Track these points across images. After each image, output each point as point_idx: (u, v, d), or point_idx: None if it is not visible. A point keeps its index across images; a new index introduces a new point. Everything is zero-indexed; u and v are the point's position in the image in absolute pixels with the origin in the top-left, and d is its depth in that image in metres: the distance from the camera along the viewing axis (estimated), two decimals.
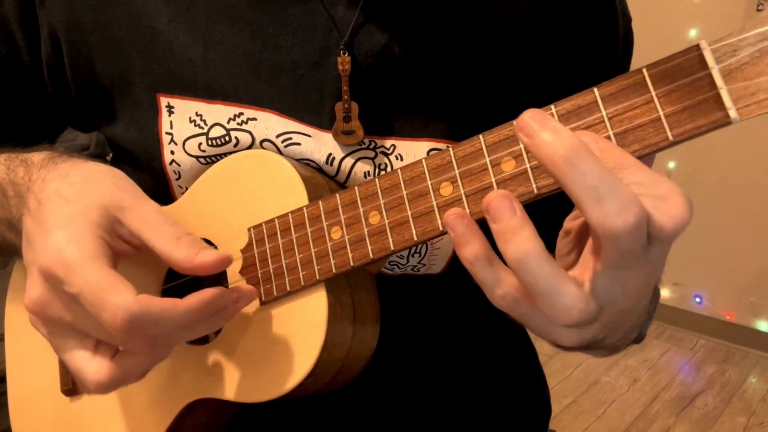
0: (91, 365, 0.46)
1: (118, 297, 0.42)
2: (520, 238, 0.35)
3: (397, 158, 0.58)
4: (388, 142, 0.58)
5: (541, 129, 0.34)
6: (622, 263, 0.36)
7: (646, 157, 0.37)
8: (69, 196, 0.49)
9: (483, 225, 0.39)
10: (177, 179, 0.63)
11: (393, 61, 0.57)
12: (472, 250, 0.37)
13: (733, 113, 0.34)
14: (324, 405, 0.66)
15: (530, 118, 0.34)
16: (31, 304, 0.47)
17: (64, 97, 0.66)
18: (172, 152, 0.61)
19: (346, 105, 0.56)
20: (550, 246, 0.48)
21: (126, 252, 0.50)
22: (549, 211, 0.46)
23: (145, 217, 0.49)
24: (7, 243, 0.58)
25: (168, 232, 0.48)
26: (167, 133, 0.61)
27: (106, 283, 0.43)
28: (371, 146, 0.58)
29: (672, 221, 0.34)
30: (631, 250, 0.34)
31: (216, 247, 0.57)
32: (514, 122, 0.41)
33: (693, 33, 2.51)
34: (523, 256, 0.34)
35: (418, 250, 0.62)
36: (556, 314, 0.35)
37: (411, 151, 0.58)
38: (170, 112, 0.61)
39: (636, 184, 0.34)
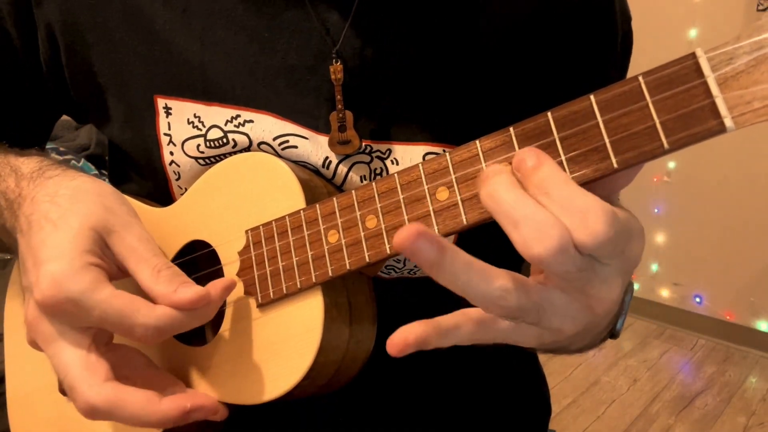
0: (85, 386, 0.47)
1: (142, 318, 0.46)
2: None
3: (392, 162, 0.58)
4: (383, 147, 0.58)
5: (483, 177, 0.37)
6: (569, 286, 0.36)
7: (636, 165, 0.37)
8: (56, 219, 0.50)
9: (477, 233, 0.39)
10: (177, 180, 0.63)
11: (387, 67, 0.57)
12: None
13: (728, 122, 0.34)
14: (321, 406, 0.66)
15: (483, 174, 0.37)
16: (27, 327, 0.50)
17: (64, 97, 0.66)
18: (172, 153, 0.61)
19: (340, 114, 0.56)
20: None
21: (115, 276, 0.51)
22: None
23: (129, 245, 0.50)
24: (4, 243, 0.59)
25: (150, 264, 0.49)
26: (165, 134, 0.61)
27: (125, 307, 0.46)
28: (367, 150, 0.58)
29: (590, 237, 0.34)
30: (566, 272, 0.35)
31: (214, 249, 0.58)
32: (511, 128, 0.41)
33: (693, 33, 2.51)
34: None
35: None
36: (488, 305, 0.36)
37: (407, 155, 0.58)
38: (168, 114, 0.61)
39: (558, 199, 0.34)
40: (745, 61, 0.33)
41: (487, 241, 0.58)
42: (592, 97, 0.38)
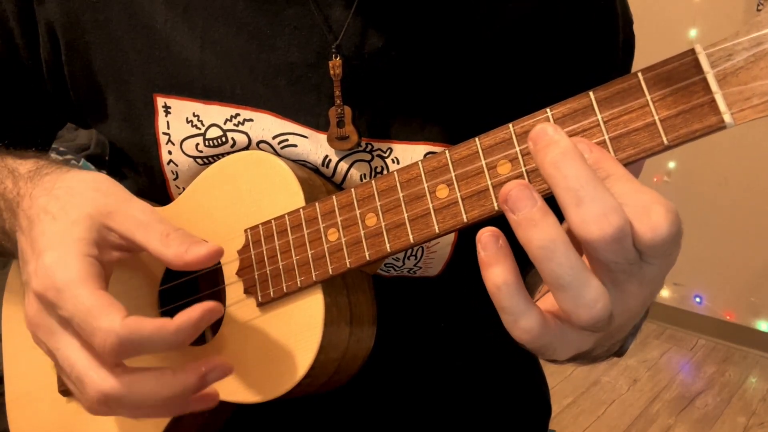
0: (94, 374, 0.45)
1: (107, 321, 0.43)
2: (545, 225, 0.33)
3: (393, 161, 0.58)
4: (384, 146, 0.58)
5: (545, 137, 0.34)
6: (612, 277, 0.35)
7: (635, 162, 0.37)
8: (55, 212, 0.49)
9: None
10: (174, 179, 0.63)
11: (388, 64, 0.57)
12: (501, 273, 0.35)
13: (727, 118, 0.34)
14: (321, 405, 0.66)
15: (540, 129, 0.35)
16: (28, 323, 0.48)
17: (63, 96, 0.66)
18: (170, 152, 0.61)
19: (339, 110, 0.56)
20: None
21: (119, 258, 0.50)
22: None
23: (132, 218, 0.49)
24: (2, 248, 0.59)
25: (158, 230, 0.48)
26: (164, 133, 0.61)
27: (95, 307, 0.43)
28: (367, 149, 0.58)
29: (651, 231, 0.33)
30: (614, 262, 0.34)
31: None
32: (511, 124, 0.41)
33: (693, 33, 2.51)
34: (549, 243, 0.33)
35: (414, 253, 0.62)
36: (580, 309, 0.34)
37: (407, 154, 0.58)
38: (167, 113, 0.61)
39: (620, 194, 0.34)
40: (744, 57, 0.33)
41: None
42: (591, 93, 0.38)
